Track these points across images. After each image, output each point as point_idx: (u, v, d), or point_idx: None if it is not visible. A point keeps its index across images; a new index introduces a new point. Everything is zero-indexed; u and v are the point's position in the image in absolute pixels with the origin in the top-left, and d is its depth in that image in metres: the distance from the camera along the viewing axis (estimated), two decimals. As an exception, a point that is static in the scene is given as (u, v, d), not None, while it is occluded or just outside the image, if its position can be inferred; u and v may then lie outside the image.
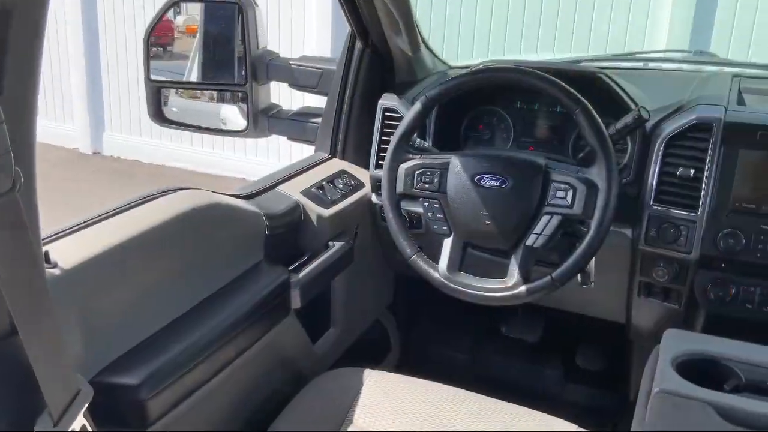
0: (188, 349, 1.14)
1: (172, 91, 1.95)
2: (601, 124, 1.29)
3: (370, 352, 1.97)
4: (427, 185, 1.41)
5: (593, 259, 1.45)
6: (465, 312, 1.89)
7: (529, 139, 1.70)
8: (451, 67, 1.97)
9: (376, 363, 1.97)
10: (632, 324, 1.64)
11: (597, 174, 1.29)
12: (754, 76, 1.79)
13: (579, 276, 1.45)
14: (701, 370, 1.12)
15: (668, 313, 1.54)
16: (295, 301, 1.41)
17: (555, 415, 1.33)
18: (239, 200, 1.39)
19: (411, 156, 1.44)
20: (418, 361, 2.10)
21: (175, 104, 1.96)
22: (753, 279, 1.39)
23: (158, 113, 1.85)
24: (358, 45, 1.72)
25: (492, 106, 1.73)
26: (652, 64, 2.03)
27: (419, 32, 1.77)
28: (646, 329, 1.60)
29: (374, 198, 1.71)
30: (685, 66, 2.03)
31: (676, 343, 1.16)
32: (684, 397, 1.00)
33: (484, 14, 4.77)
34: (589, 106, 1.30)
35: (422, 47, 1.79)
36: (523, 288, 1.33)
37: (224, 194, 1.36)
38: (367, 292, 1.84)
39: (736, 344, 1.19)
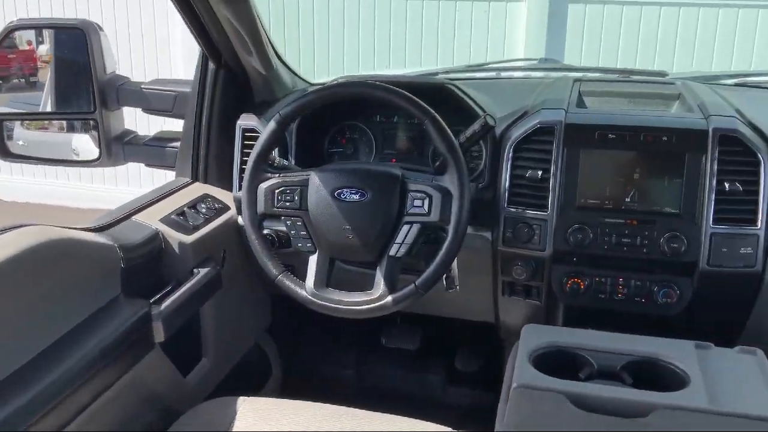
0: (40, 394, 1.07)
1: (18, 123, 1.84)
2: (450, 133, 1.34)
3: (249, 379, 1.93)
4: (288, 203, 1.40)
5: (456, 264, 1.49)
6: (347, 327, 1.89)
7: (391, 151, 1.74)
8: (311, 84, 1.97)
9: (257, 390, 1.92)
10: (501, 323, 1.70)
11: (450, 181, 1.33)
12: (595, 79, 1.91)
13: (444, 281, 1.49)
14: (558, 362, 1.18)
15: (532, 309, 1.60)
16: (159, 334, 1.35)
17: (437, 420, 1.35)
18: (89, 233, 1.32)
19: (270, 175, 1.42)
20: (303, 383, 2.08)
21: (22, 137, 1.85)
22: (602, 270, 1.48)
23: (1, 147, 1.74)
24: (211, 65, 1.68)
25: (353, 121, 1.74)
26: (504, 74, 2.13)
27: (274, 50, 1.76)
28: (513, 327, 1.66)
29: (240, 220, 1.68)
30: (533, 74, 2.14)
31: (533, 337, 1.21)
32: (540, 389, 1.04)
33: (337, 32, 4.84)
34: (438, 116, 1.34)
35: (279, 65, 1.78)
36: (389, 298, 1.34)
37: (73, 228, 1.29)
38: (241, 317, 1.80)
39: (588, 333, 1.26)
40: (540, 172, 1.47)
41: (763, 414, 0.98)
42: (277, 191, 1.40)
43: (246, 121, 1.67)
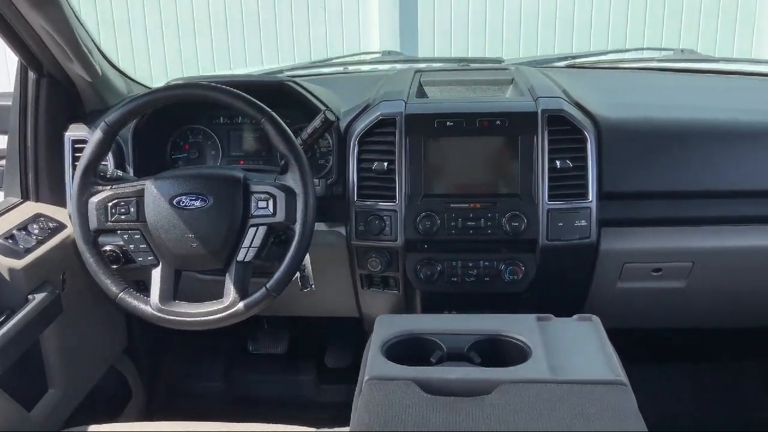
0: None
1: None
2: (288, 131, 1.32)
3: (107, 405, 1.82)
4: (123, 217, 1.32)
5: (309, 262, 1.48)
6: (211, 338, 1.82)
7: (238, 153, 1.69)
8: (149, 89, 1.88)
9: (116, 415, 1.82)
10: (364, 316, 1.71)
11: (293, 180, 1.31)
12: (436, 69, 1.96)
13: (299, 281, 1.47)
14: (410, 349, 1.19)
15: (391, 299, 1.62)
16: None
17: (308, 420, 1.34)
18: None
19: (101, 188, 1.34)
20: (169, 402, 1.99)
21: None
22: (453, 254, 1.52)
23: None
24: (32, 75, 1.56)
25: (196, 125, 1.68)
26: (351, 68, 2.13)
27: (103, 56, 1.66)
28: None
29: (80, 238, 1.57)
30: (380, 66, 2.16)
31: (386, 327, 1.21)
32: (390, 379, 1.04)
33: (188, 33, 4.69)
34: (274, 115, 1.32)
35: (109, 71, 1.68)
36: (240, 305, 1.30)
37: None
38: (92, 340, 1.69)
39: (438, 318, 1.29)
40: (386, 164, 1.49)
41: (598, 378, 1.04)
42: (110, 204, 1.32)
43: (75, 131, 1.56)
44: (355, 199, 1.50)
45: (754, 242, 1.52)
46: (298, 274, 1.45)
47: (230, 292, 1.31)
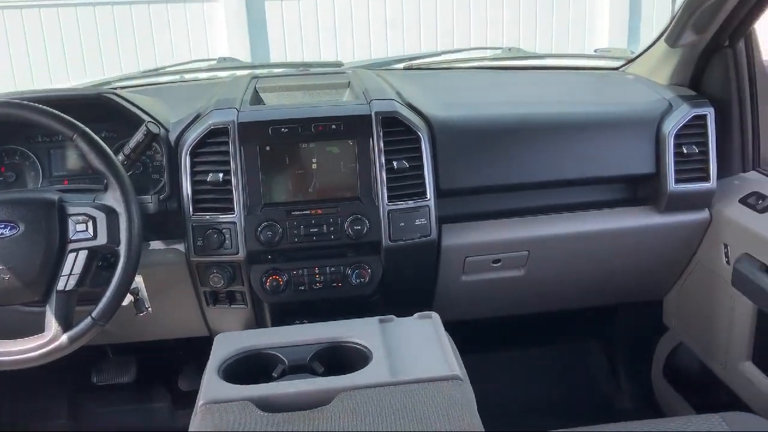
0: None
1: None
2: (103, 147, 1.23)
3: None
4: None
5: (143, 284, 1.40)
6: (53, 372, 1.68)
7: (61, 173, 1.57)
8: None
9: None
10: (214, 334, 1.64)
11: (113, 198, 1.23)
12: (273, 75, 1.92)
13: (134, 305, 1.38)
14: (251, 366, 1.15)
15: (240, 315, 1.57)
16: None
17: None
18: None
19: None
20: None
21: None
22: (298, 263, 1.49)
23: None
24: None
25: (11, 145, 1.54)
26: (188, 76, 2.04)
27: None
28: None
29: None
30: (220, 74, 2.09)
31: (224, 347, 1.16)
32: (226, 401, 1.00)
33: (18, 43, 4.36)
34: (87, 130, 1.23)
35: None
36: (64, 338, 1.20)
37: None
38: None
39: (280, 331, 1.25)
40: (221, 175, 1.43)
41: (435, 375, 1.05)
42: None
43: None
44: (191, 213, 1.44)
45: (582, 228, 1.62)
46: (132, 298, 1.36)
47: (52, 324, 1.20)
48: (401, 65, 2.03)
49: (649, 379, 1.99)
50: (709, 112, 1.57)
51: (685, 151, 1.56)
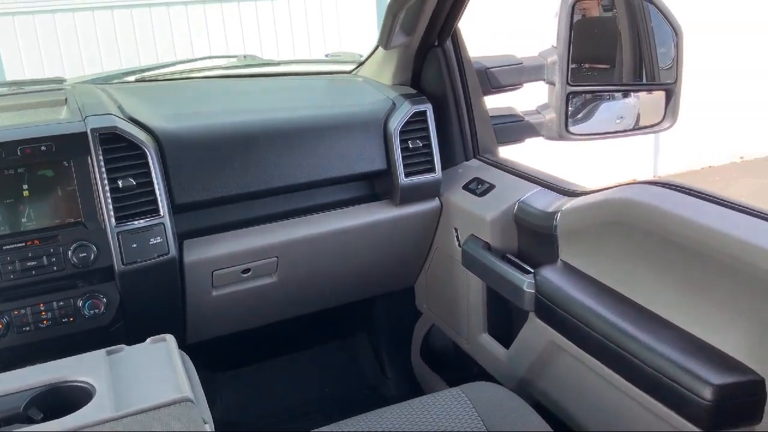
0: None
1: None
2: None
3: None
4: None
5: None
6: None
7: None
8: None
9: None
10: None
11: None
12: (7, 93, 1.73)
13: None
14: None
15: None
16: None
17: None
18: None
19: None
20: None
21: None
22: (19, 302, 1.35)
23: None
24: None
25: None
26: None
27: None
28: None
29: None
30: None
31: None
32: None
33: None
34: None
35: None
36: None
37: None
38: None
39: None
40: None
41: (164, 401, 1.00)
42: None
43: None
44: None
45: (327, 228, 1.65)
46: None
47: None
48: (133, 77, 1.93)
49: (410, 364, 2.10)
50: (428, 108, 1.68)
51: (410, 146, 1.66)
